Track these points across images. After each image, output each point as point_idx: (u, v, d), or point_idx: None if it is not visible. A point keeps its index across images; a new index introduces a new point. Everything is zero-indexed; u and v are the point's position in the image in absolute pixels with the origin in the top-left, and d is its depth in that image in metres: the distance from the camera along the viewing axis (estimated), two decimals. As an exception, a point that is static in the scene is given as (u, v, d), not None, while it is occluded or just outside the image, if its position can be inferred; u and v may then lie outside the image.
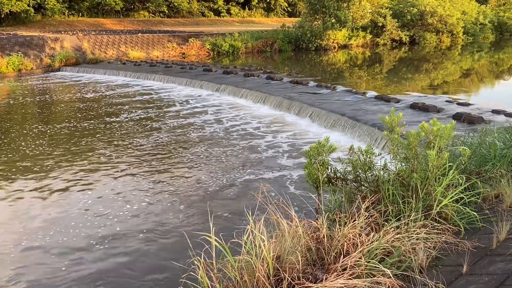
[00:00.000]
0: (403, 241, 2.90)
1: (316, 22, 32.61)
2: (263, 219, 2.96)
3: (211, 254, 2.77)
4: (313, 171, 3.92)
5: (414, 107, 9.83)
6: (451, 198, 3.28)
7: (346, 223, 3.04)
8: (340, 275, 2.56)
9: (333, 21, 31.08)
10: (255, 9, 65.18)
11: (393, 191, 3.45)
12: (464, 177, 3.45)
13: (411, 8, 35.09)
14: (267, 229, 2.91)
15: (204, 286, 2.70)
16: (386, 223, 3.17)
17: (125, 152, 8.58)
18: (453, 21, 35.96)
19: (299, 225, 2.97)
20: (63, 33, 29.93)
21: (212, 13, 60.43)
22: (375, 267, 2.62)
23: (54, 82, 19.34)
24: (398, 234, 2.97)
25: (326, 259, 2.83)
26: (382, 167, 3.79)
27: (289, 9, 69.62)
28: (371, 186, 3.79)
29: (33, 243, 5.14)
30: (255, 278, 2.66)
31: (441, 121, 3.96)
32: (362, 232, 2.95)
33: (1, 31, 34.77)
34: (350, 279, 2.52)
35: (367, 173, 3.86)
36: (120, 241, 5.12)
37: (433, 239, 3.00)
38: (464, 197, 3.34)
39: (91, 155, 8.45)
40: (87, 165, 7.86)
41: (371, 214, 3.27)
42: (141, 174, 7.35)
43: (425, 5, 34.96)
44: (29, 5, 40.91)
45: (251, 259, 2.71)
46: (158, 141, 9.30)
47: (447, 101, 10.62)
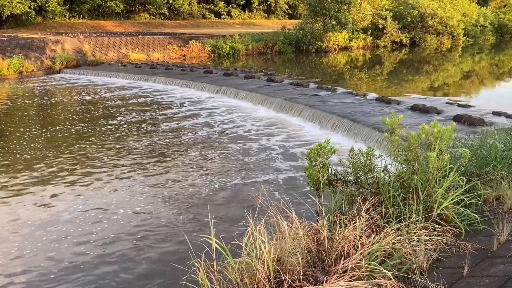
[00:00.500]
0: (404, 243, 2.90)
1: (316, 24, 32.64)
2: (263, 221, 2.96)
3: (212, 256, 2.76)
4: (313, 173, 3.91)
5: (414, 109, 9.83)
6: (451, 200, 3.28)
7: (346, 225, 3.04)
8: (340, 277, 2.56)
9: (334, 23, 31.12)
10: (255, 11, 65.27)
11: (393, 193, 3.44)
12: (464, 179, 3.44)
13: (412, 10, 35.12)
14: (268, 231, 2.90)
15: (204, 288, 2.69)
16: (386, 225, 3.16)
17: (126, 154, 8.58)
18: (454, 23, 36.00)
19: (299, 227, 2.96)
20: (64, 35, 30.01)
21: (212, 15, 60.54)
22: (376, 269, 2.61)
23: (54, 84, 19.37)
24: (398, 236, 2.96)
25: (326, 261, 2.83)
26: (382, 169, 3.79)
27: (289, 11, 69.71)
28: (372, 188, 3.79)
29: (33, 244, 5.14)
30: (255, 280, 2.65)
31: (441, 123, 3.96)
32: (362, 234, 2.95)
33: (2, 33, 34.85)
34: (350, 281, 2.51)
35: (368, 175, 3.85)
36: (120, 244, 5.12)
37: (433, 241, 3.00)
38: (464, 199, 3.34)
39: (91, 157, 8.45)
40: (87, 167, 7.87)
41: (371, 216, 3.26)
42: (142, 176, 7.35)
43: (426, 7, 35.02)
44: (30, 8, 41.00)
45: (252, 261, 2.71)
46: (158, 144, 9.30)
47: (447, 103, 10.62)
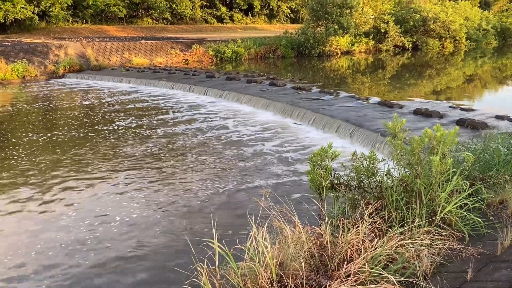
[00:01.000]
0: (407, 248, 2.88)
1: (318, 28, 32.71)
2: (266, 225, 2.95)
3: (214, 260, 2.76)
4: (316, 177, 3.91)
5: (417, 112, 9.82)
6: (455, 204, 3.27)
7: (349, 229, 3.03)
8: (343, 282, 2.55)
9: (336, 27, 31.19)
10: (258, 15, 65.53)
11: (396, 197, 3.44)
12: (468, 183, 3.43)
13: (414, 14, 35.18)
14: (270, 235, 2.90)
15: (207, 292, 2.69)
16: (389, 229, 3.15)
17: (129, 158, 8.59)
18: (456, 27, 36.04)
19: (302, 231, 2.96)
20: (67, 40, 30.16)
21: (215, 20, 60.83)
22: (379, 273, 2.60)
23: (57, 88, 19.45)
24: (402, 240, 2.95)
25: (329, 265, 2.82)
26: (385, 173, 3.78)
27: (291, 15, 69.93)
28: (375, 192, 3.78)
29: (33, 245, 5.15)
30: (258, 284, 2.65)
31: (444, 127, 3.95)
32: (365, 238, 2.94)
33: (6, 38, 35.10)
34: (354, 285, 2.50)
35: (371, 179, 3.85)
36: (122, 248, 5.12)
37: (437, 245, 2.99)
38: (468, 203, 3.33)
39: (94, 161, 8.47)
40: (90, 170, 7.88)
41: (374, 220, 3.25)
42: (145, 180, 7.36)
43: (428, 11, 35.07)
44: (33, 13, 41.30)
45: (254, 265, 2.70)
46: (161, 148, 9.32)
47: (450, 107, 10.60)
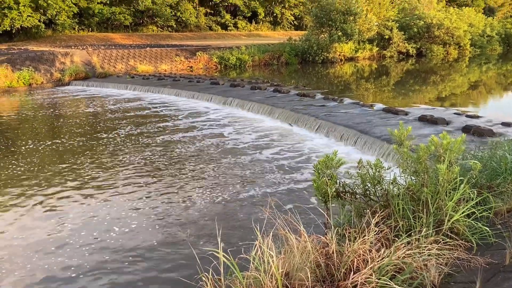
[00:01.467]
0: (415, 257, 2.85)
1: (322, 35, 32.77)
2: (271, 234, 2.93)
3: (219, 270, 2.74)
4: (321, 185, 3.88)
5: (422, 119, 9.77)
6: (462, 212, 3.23)
7: (355, 238, 3.00)
8: (350, 292, 2.51)
9: (340, 34, 31.23)
10: (262, 22, 65.82)
11: (403, 205, 3.40)
12: (475, 191, 3.40)
13: (418, 20, 35.17)
14: (276, 245, 2.87)
15: (212, 302, 2.67)
16: (396, 239, 3.12)
17: (133, 166, 8.60)
18: (460, 33, 35.96)
19: (308, 240, 2.93)
20: (73, 47, 30.42)
21: (219, 27, 61.16)
22: (387, 284, 2.57)
23: (62, 96, 19.57)
24: (409, 250, 2.91)
25: (335, 275, 2.79)
26: (391, 181, 3.75)
27: (295, 22, 70.19)
28: (381, 200, 3.75)
29: (32, 247, 5.14)
30: (263, 295, 2.62)
31: (450, 134, 3.92)
32: (372, 247, 2.90)
33: (12, 46, 35.45)
34: (360, 296, 2.47)
35: (377, 187, 3.82)
36: (126, 258, 5.10)
37: (445, 255, 2.95)
38: (475, 211, 3.29)
39: (101, 168, 8.48)
40: (96, 178, 7.89)
41: (381, 229, 3.22)
42: (149, 187, 7.35)
43: (432, 18, 35.05)
44: (40, 21, 41.74)
45: (260, 275, 2.68)
46: (166, 155, 9.32)
47: (455, 114, 10.54)
